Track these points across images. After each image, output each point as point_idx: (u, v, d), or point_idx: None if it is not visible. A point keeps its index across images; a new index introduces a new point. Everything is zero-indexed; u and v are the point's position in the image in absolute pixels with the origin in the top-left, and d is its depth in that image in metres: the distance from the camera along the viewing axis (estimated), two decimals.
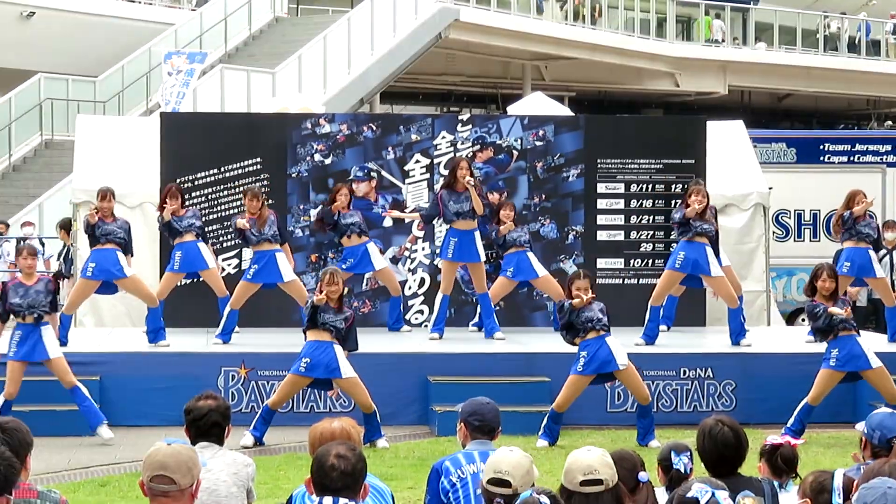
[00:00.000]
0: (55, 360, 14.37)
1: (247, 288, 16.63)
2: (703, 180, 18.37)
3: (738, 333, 16.78)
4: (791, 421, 14.57)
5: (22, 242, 22.64)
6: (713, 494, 5.36)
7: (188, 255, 16.68)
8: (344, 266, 16.74)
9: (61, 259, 22.03)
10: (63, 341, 15.73)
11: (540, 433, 14.51)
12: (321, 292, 13.89)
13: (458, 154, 18.67)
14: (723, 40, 48.29)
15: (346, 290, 14.49)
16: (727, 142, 20.35)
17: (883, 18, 52.31)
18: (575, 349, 14.39)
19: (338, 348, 14.05)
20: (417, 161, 18.92)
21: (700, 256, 16.38)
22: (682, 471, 7.18)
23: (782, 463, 7.58)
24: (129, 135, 20.27)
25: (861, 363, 14.49)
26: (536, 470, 6.38)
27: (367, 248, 17.15)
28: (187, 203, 17.01)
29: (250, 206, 16.46)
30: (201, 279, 17.33)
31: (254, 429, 14.46)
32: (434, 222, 17.96)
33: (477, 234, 16.90)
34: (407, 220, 18.63)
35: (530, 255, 17.19)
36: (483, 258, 17.02)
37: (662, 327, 17.47)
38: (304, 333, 14.25)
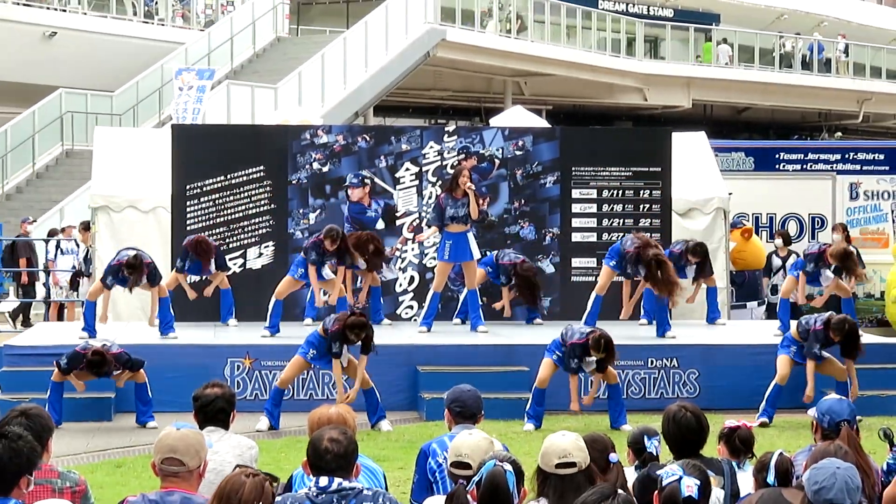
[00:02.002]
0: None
1: (293, 285, 16.73)
2: (669, 187, 18.45)
3: (661, 325, 16.88)
4: (763, 404, 14.67)
5: (57, 244, 22.92)
6: (679, 479, 5.35)
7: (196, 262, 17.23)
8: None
9: (82, 259, 21.99)
10: (91, 333, 15.94)
11: (526, 418, 14.52)
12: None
13: (444, 162, 18.69)
14: (725, 64, 48.43)
15: None
16: (691, 151, 20.36)
17: (834, 38, 52.44)
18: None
19: None
20: (407, 169, 18.91)
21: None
22: (654, 453, 7.22)
23: (740, 444, 7.62)
24: (143, 145, 20.25)
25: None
26: (497, 445, 6.37)
27: None
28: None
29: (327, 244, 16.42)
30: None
31: (268, 414, 14.48)
32: (423, 224, 18.10)
33: (470, 235, 16.87)
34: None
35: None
36: (476, 257, 17.00)
37: (643, 321, 17.52)
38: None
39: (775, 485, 6.28)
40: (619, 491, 5.06)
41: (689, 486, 5.36)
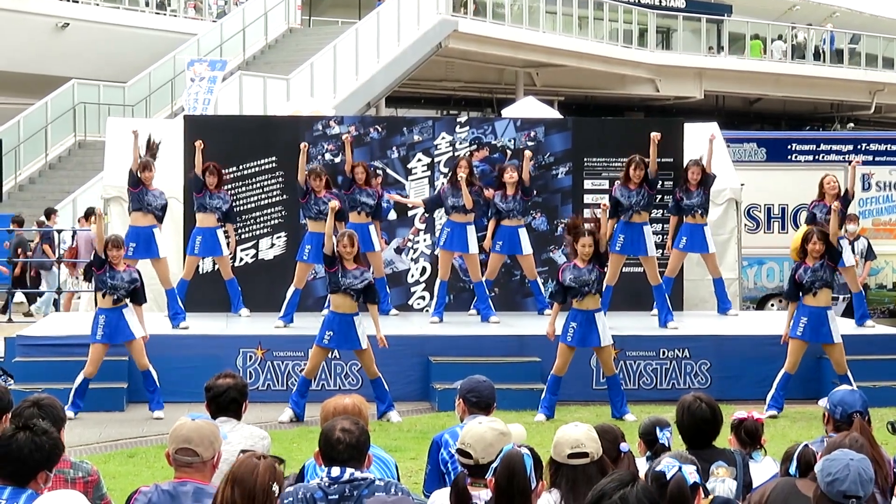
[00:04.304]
0: (136, 342, 14.46)
1: (305, 268, 16.71)
2: (681, 178, 18.36)
3: (663, 312, 16.86)
4: (772, 393, 14.63)
5: (73, 234, 22.96)
6: (680, 468, 5.34)
7: (207, 240, 17.00)
8: None
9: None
10: None
11: (539, 407, 14.52)
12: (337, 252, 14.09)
13: (456, 153, 18.68)
14: (779, 59, 48.47)
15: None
16: (703, 142, 20.28)
17: (846, 29, 52.31)
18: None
19: (357, 320, 14.15)
20: (419, 160, 18.91)
21: (637, 237, 16.71)
22: (666, 444, 7.20)
23: (745, 436, 7.62)
24: (156, 135, 20.22)
25: (823, 336, 14.50)
26: (517, 430, 6.34)
27: (369, 229, 17.13)
28: (226, 187, 17.30)
29: (315, 185, 16.43)
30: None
31: (293, 404, 14.48)
32: (435, 214, 18.08)
33: (470, 228, 16.89)
34: (410, 207, 18.61)
35: (521, 230, 17.19)
36: (475, 249, 17.00)
37: (655, 312, 17.48)
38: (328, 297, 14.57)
39: (796, 476, 6.25)
40: (639, 478, 5.03)
41: (692, 473, 5.37)
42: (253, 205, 18.49)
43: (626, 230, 16.77)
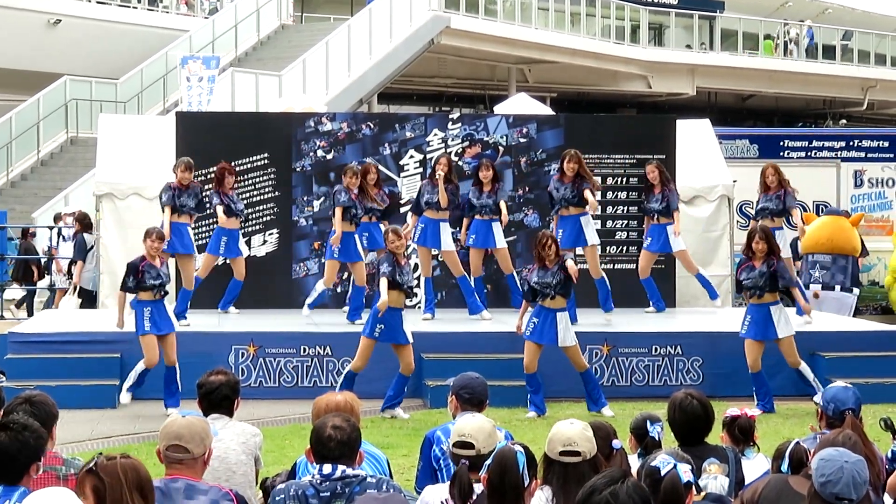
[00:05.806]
0: (172, 336, 14.41)
1: (334, 266, 16.69)
2: (674, 174, 18.33)
3: (605, 301, 16.86)
4: (756, 397, 14.65)
5: (59, 231, 22.85)
6: (675, 466, 5.34)
7: (232, 241, 16.95)
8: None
9: (74, 246, 21.85)
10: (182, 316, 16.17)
11: (529, 406, 14.53)
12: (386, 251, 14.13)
13: (448, 150, 18.68)
14: (796, 54, 48.70)
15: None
16: (695, 139, 20.33)
17: (838, 25, 52.35)
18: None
19: (404, 314, 14.29)
20: (412, 156, 18.91)
21: (575, 230, 16.58)
22: (657, 438, 7.21)
23: (739, 433, 7.64)
24: (148, 132, 20.24)
25: (769, 332, 14.54)
26: (500, 433, 6.36)
27: (380, 227, 17.11)
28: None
29: (351, 184, 16.41)
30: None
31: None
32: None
33: (444, 225, 16.89)
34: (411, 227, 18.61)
35: (494, 224, 17.10)
36: (449, 247, 16.98)
37: (650, 309, 17.52)
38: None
39: (787, 473, 6.25)
40: (630, 475, 5.03)
41: (686, 472, 5.37)
42: (245, 202, 18.46)
43: (564, 223, 16.67)
